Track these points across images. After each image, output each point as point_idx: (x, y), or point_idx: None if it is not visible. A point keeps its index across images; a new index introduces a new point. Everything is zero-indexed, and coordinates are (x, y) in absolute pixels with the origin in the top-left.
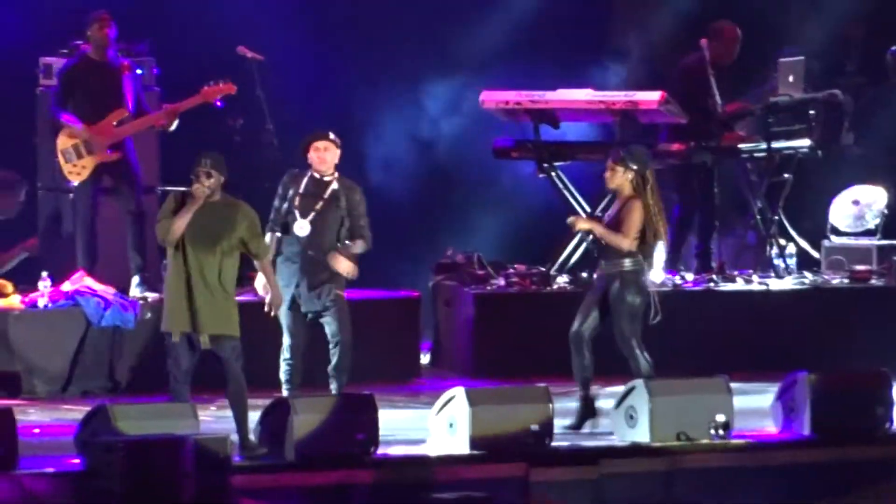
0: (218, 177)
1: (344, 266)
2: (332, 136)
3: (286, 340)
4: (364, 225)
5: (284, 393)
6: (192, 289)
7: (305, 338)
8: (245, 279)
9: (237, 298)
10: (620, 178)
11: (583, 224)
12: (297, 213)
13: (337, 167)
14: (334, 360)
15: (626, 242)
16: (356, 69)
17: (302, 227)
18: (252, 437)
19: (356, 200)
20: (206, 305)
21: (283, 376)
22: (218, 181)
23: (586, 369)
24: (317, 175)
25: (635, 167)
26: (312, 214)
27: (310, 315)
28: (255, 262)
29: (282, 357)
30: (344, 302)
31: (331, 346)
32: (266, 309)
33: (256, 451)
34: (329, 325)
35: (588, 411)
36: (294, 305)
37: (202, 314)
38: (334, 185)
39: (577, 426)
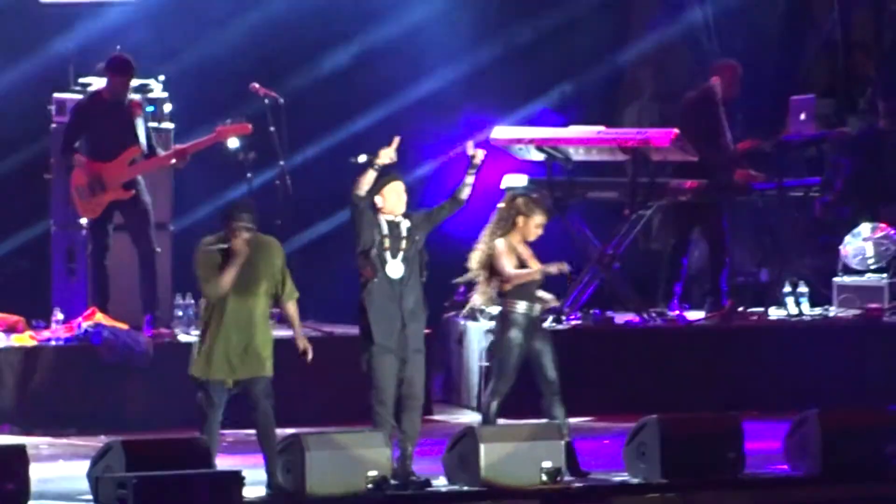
0: (254, 227)
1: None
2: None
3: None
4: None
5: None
6: (231, 335)
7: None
8: None
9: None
10: None
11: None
12: (387, 254)
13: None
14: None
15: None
16: (370, 106)
17: (395, 269)
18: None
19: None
20: (245, 350)
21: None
22: (254, 231)
23: None
24: (390, 218)
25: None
26: (401, 255)
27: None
28: (283, 304)
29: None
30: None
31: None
32: (305, 354)
33: (284, 488)
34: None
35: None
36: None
37: (242, 360)
38: (407, 224)
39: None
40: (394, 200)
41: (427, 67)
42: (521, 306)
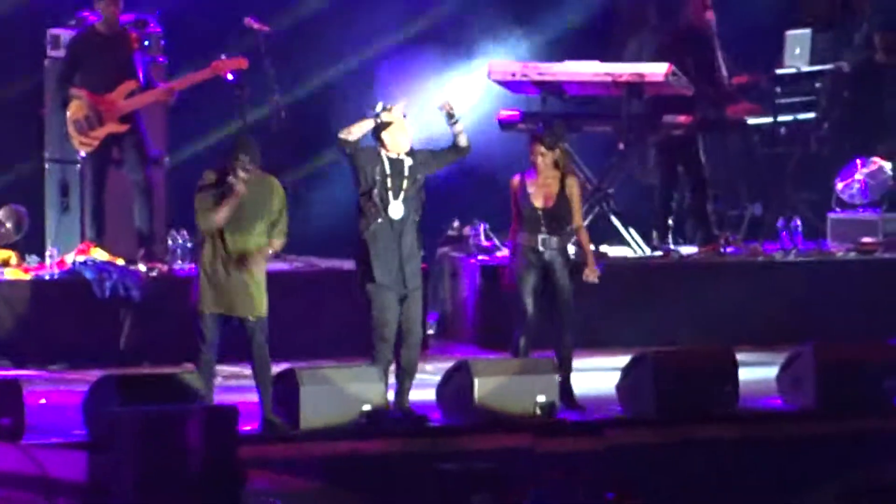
0: (255, 168)
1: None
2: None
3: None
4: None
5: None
6: (229, 272)
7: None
8: None
9: None
10: (551, 158)
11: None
12: (389, 194)
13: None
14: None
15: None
16: (363, 43)
17: (396, 209)
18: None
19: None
20: (242, 287)
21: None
22: (254, 171)
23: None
24: (393, 155)
25: (562, 145)
26: (402, 194)
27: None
28: (269, 238)
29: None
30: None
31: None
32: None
33: (277, 423)
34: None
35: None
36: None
37: (238, 296)
38: (410, 162)
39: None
40: (399, 138)
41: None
42: (531, 240)
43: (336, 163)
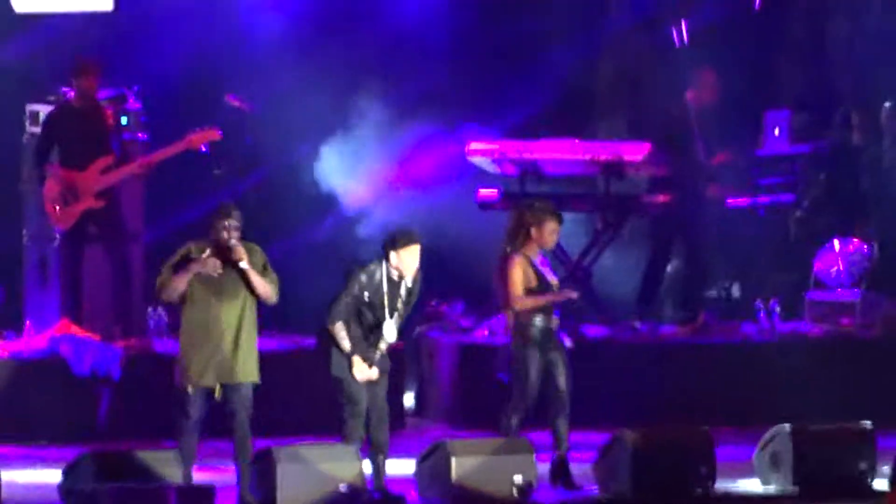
0: (238, 234)
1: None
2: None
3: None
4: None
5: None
6: (214, 340)
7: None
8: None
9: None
10: None
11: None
12: (386, 312)
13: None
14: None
15: None
16: (338, 115)
17: (390, 331)
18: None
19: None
20: (229, 355)
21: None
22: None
23: None
24: (395, 276)
25: None
26: (396, 314)
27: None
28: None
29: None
30: None
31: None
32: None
33: (250, 499)
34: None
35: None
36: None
37: (224, 366)
38: (408, 283)
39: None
40: (408, 263)
41: (401, 77)
42: (538, 320)
43: (311, 242)
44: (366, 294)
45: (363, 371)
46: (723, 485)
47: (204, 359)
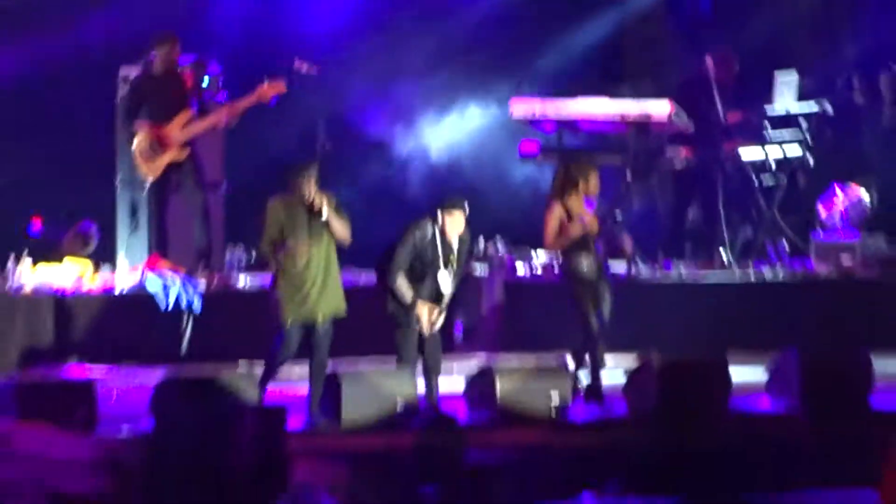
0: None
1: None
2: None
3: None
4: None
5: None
6: (307, 281)
7: None
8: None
9: None
10: None
11: None
12: (441, 263)
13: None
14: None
15: None
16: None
17: (445, 282)
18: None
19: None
20: (319, 293)
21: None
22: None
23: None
24: (446, 234)
25: None
26: (451, 267)
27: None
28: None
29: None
30: None
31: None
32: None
33: (322, 420)
34: None
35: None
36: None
37: (319, 302)
38: (455, 245)
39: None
40: (451, 226)
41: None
42: (582, 258)
43: (372, 189)
44: (420, 247)
45: (426, 315)
46: (736, 404)
47: (301, 298)
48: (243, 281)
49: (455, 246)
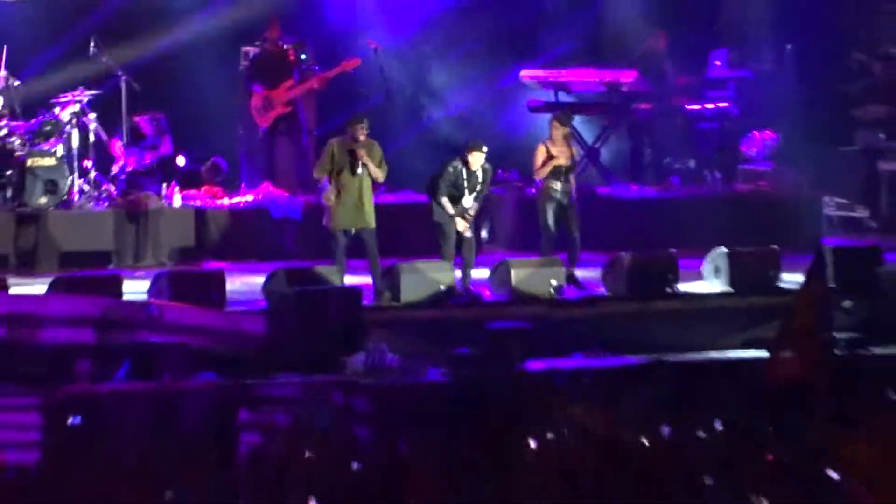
0: (367, 133)
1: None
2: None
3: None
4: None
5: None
6: (353, 201)
7: None
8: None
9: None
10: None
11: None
12: (466, 190)
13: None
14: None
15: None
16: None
17: (468, 202)
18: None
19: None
20: (362, 210)
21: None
22: (366, 135)
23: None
24: (470, 168)
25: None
26: (474, 193)
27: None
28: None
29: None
30: None
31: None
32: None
33: (385, 296)
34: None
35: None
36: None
37: (360, 217)
38: (479, 174)
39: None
40: (475, 161)
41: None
42: (555, 184)
43: (423, 137)
44: (453, 177)
45: (462, 224)
46: (683, 286)
47: (345, 211)
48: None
49: (479, 176)
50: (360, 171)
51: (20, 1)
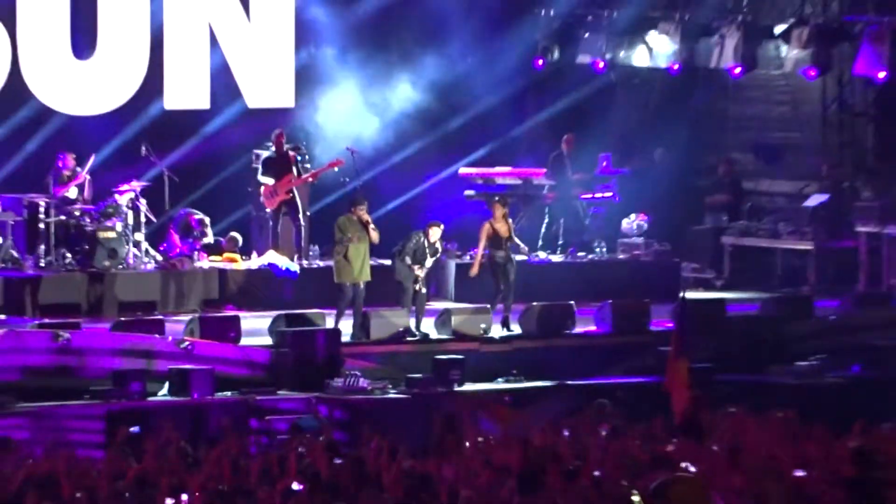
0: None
1: None
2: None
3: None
4: None
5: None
6: (357, 261)
7: None
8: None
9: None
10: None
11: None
12: (428, 255)
13: None
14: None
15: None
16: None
17: (429, 264)
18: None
19: None
20: (361, 267)
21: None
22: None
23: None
24: (429, 240)
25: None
26: (427, 262)
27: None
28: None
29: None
30: None
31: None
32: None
33: (359, 335)
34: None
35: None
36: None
37: (360, 272)
38: (437, 245)
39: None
40: (433, 236)
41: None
42: (498, 253)
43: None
44: (416, 246)
45: (418, 274)
46: (579, 328)
47: (353, 269)
48: (319, 262)
49: (436, 245)
50: (364, 237)
51: (102, 115)
